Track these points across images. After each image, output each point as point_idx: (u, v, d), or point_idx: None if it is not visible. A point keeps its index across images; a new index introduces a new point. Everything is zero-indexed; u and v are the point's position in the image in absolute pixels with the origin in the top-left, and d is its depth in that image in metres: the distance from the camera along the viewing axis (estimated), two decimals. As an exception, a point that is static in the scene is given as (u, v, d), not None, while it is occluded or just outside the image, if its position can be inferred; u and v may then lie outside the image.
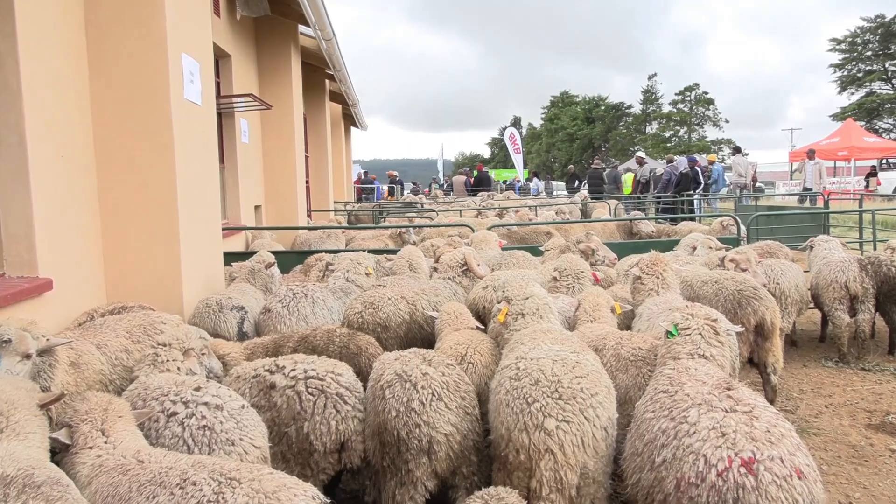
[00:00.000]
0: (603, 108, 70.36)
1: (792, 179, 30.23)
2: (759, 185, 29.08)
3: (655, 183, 19.54)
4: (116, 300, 4.70)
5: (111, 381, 3.54)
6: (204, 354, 3.47)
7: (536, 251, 6.97)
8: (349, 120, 22.25)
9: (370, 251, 6.75)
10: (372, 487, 3.19)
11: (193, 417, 2.71)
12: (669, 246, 7.48)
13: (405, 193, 29.58)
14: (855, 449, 4.34)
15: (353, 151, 27.39)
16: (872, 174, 28.29)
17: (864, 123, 42.06)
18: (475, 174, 27.13)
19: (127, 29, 4.75)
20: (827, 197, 13.49)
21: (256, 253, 5.98)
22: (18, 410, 2.47)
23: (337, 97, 17.26)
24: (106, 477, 2.32)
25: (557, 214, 13.12)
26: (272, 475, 2.18)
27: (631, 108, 69.73)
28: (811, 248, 6.92)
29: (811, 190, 17.50)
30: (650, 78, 68.29)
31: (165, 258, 4.95)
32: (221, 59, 8.96)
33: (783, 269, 5.91)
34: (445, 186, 33.16)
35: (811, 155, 18.55)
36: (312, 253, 7.34)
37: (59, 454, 2.52)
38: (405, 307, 4.52)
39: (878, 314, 6.23)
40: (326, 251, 7.36)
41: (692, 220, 12.62)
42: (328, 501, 2.17)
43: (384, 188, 29.45)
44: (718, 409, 2.49)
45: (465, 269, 5.49)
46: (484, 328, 4.14)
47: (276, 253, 6.69)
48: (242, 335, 4.72)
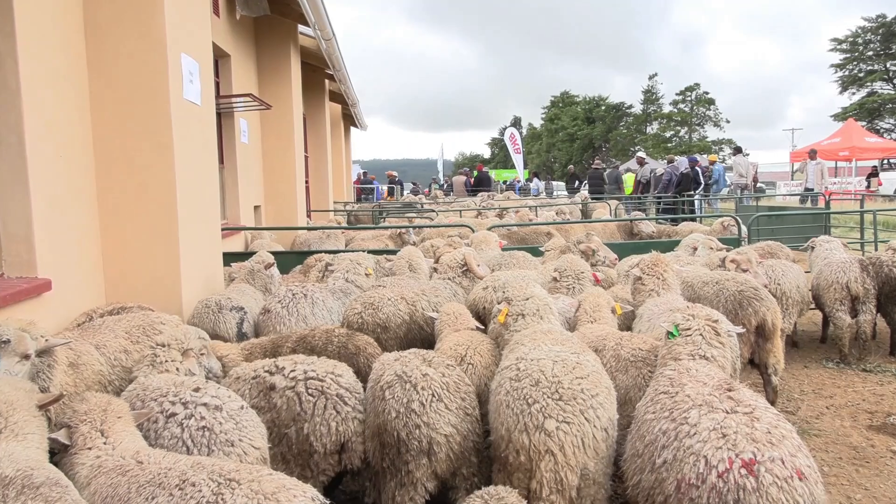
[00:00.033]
0: (603, 108, 70.31)
1: (793, 180, 30.21)
2: (759, 185, 29.00)
3: (656, 183, 19.51)
4: (115, 300, 4.69)
5: (110, 381, 3.54)
6: (203, 355, 3.47)
7: (537, 252, 6.96)
8: (349, 120, 22.23)
9: (370, 252, 6.74)
10: (372, 488, 3.18)
11: (192, 418, 2.70)
12: (670, 246, 7.47)
13: (405, 194, 29.55)
14: (856, 450, 4.33)
15: (352, 151, 27.38)
16: (874, 174, 28.27)
17: (865, 123, 42.04)
18: (475, 174, 27.03)
19: (126, 29, 4.75)
20: (828, 197, 13.49)
21: (256, 253, 5.98)
22: (17, 411, 2.46)
23: (337, 97, 17.25)
24: (105, 478, 2.31)
25: (558, 215, 13.12)
26: (272, 476, 2.17)
27: (631, 108, 69.79)
28: (812, 248, 6.91)
29: (813, 190, 17.46)
30: (651, 78, 68.39)
31: (165, 258, 4.94)
32: (221, 58, 8.96)
33: (784, 269, 5.91)
34: (445, 187, 33.11)
35: (813, 155, 18.53)
36: (312, 253, 7.33)
37: (58, 455, 2.52)
38: (405, 308, 4.51)
39: (879, 315, 6.22)
40: (326, 252, 7.35)
41: (693, 220, 12.59)
42: (328, 503, 2.16)
43: (383, 188, 29.42)
44: (719, 410, 2.48)
45: (465, 269, 5.48)
46: (484, 329, 4.13)
47: (275, 253, 6.68)
48: (242, 336, 4.71)
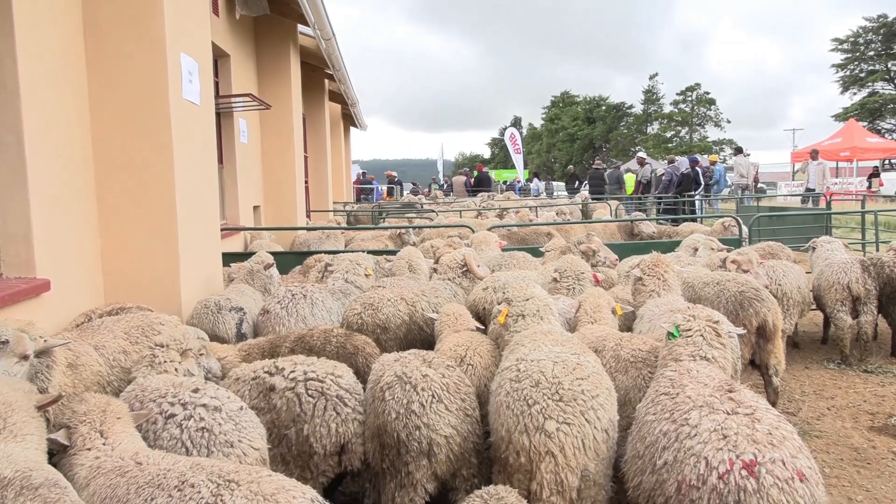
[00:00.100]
0: (604, 108, 70.32)
1: (794, 180, 30.21)
2: (760, 185, 29.04)
3: (656, 184, 19.49)
4: (114, 301, 4.68)
5: (109, 382, 3.52)
6: (202, 355, 3.46)
7: (537, 252, 6.95)
8: (348, 120, 22.22)
9: (369, 252, 6.74)
10: (371, 490, 3.17)
11: (192, 419, 2.69)
12: (671, 247, 7.47)
13: (404, 194, 29.53)
14: (857, 451, 4.32)
15: (352, 151, 27.36)
16: (875, 175, 28.29)
17: (866, 124, 42.05)
18: (475, 174, 27.01)
19: (126, 28, 4.74)
20: (829, 198, 13.48)
21: (255, 254, 5.98)
22: (16, 412, 2.46)
23: (336, 97, 17.23)
24: (104, 479, 2.30)
25: (558, 215, 13.12)
26: (271, 477, 2.16)
27: (632, 108, 69.80)
28: (813, 249, 6.91)
29: (814, 191, 17.44)
30: (651, 78, 68.40)
31: (164, 259, 4.93)
32: (220, 58, 8.95)
33: (785, 270, 5.90)
34: (445, 187, 33.09)
35: (814, 155, 18.49)
36: (311, 254, 7.31)
37: (56, 455, 2.51)
38: (405, 308, 4.50)
39: (880, 316, 6.21)
40: (325, 252, 7.33)
41: (693, 220, 12.59)
42: (327, 504, 2.15)
43: (383, 189, 29.40)
44: (720, 411, 2.47)
45: (465, 270, 5.46)
46: (484, 329, 4.12)
47: (274, 254, 6.67)
48: (241, 336, 4.70)
